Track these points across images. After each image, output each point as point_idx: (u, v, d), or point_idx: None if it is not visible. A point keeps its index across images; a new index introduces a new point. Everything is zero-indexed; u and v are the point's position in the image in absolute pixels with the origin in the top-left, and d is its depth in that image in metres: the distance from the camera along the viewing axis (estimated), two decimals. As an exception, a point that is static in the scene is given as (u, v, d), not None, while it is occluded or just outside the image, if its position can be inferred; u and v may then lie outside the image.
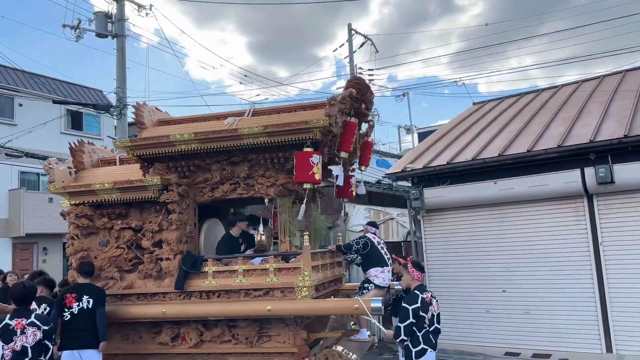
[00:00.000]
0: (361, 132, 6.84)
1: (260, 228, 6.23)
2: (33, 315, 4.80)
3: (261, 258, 5.84)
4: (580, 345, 7.85)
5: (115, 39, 15.30)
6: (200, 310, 5.73)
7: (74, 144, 7.06)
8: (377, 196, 12.05)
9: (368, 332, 6.98)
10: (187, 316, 5.74)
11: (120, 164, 7.00)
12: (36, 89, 21.11)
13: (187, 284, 5.78)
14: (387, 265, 6.46)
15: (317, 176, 5.45)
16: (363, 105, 6.23)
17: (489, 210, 8.89)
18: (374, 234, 6.94)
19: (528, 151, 8.25)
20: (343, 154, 5.90)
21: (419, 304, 4.92)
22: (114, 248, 6.32)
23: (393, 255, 7.38)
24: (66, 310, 5.44)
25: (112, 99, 21.02)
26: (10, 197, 19.78)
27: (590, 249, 7.99)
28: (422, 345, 4.92)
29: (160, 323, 6.00)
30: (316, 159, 5.50)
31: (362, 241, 6.46)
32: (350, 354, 5.71)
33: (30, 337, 4.67)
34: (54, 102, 15.24)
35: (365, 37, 25.15)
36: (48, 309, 5.38)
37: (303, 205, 5.66)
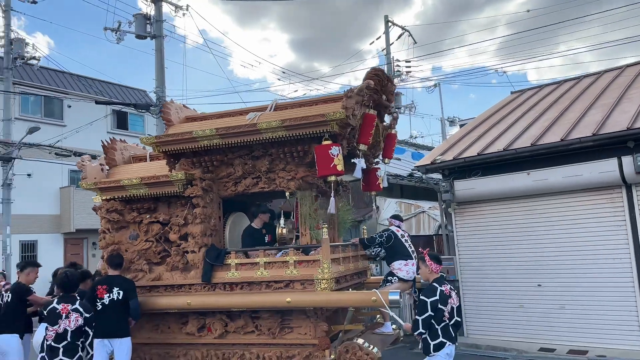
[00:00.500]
0: (384, 124, 6.80)
1: (282, 221, 6.29)
2: (77, 302, 5.13)
3: (282, 251, 5.91)
4: (619, 342, 7.54)
5: (154, 40, 15.77)
6: (223, 302, 5.85)
7: (107, 142, 7.33)
8: (409, 189, 11.94)
9: (393, 326, 6.94)
10: (211, 307, 5.87)
11: (150, 161, 7.21)
12: (83, 90, 22.02)
13: (212, 276, 5.91)
14: (412, 259, 6.39)
15: (339, 167, 5.44)
16: (384, 97, 6.16)
17: (522, 202, 8.64)
18: (398, 227, 6.87)
19: (562, 140, 7.96)
20: (362, 147, 5.86)
21: (437, 297, 4.83)
22: (143, 241, 6.52)
23: (420, 249, 7.31)
24: (97, 301, 5.66)
25: (155, 98, 21.65)
26: (61, 194, 20.72)
27: (629, 241, 7.64)
28: (440, 339, 4.83)
29: (187, 314, 6.17)
30: (335, 150, 5.50)
31: (385, 234, 6.41)
32: (371, 346, 5.70)
33: (72, 322, 5.01)
34: (97, 102, 15.87)
35: (402, 28, 24.86)
36: (79, 299, 5.64)
37: (332, 199, 5.67)
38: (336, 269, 5.74)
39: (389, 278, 6.34)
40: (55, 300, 5.13)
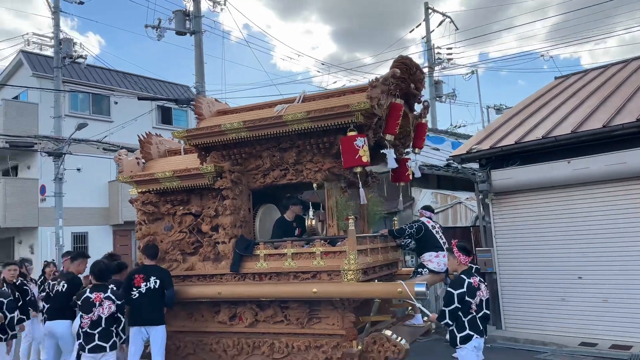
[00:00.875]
0: (415, 113, 6.68)
1: (310, 213, 6.32)
2: (109, 291, 5.35)
3: (309, 242, 5.95)
4: (666, 337, 7.19)
5: (193, 35, 16.09)
6: (252, 291, 5.95)
7: (143, 136, 7.55)
8: (446, 180, 11.73)
9: (424, 318, 6.86)
10: (240, 297, 5.99)
11: (184, 154, 7.39)
12: (129, 87, 22.73)
13: (241, 267, 6.02)
14: (443, 250, 6.30)
15: (365, 158, 5.41)
16: (412, 86, 6.03)
17: (562, 192, 8.34)
18: (429, 218, 6.79)
19: (604, 127, 7.62)
20: (389, 137, 5.78)
21: (464, 289, 4.74)
22: (177, 232, 6.70)
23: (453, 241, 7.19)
24: (134, 289, 5.86)
25: (207, 93, 22.06)
26: (109, 188, 21.50)
27: (677, 232, 7.25)
28: (467, 331, 4.76)
29: (219, 303, 6.31)
30: (361, 141, 5.46)
31: (415, 225, 6.35)
32: (399, 338, 5.67)
33: (105, 309, 5.24)
34: (139, 98, 16.35)
35: (443, 14, 24.38)
36: (115, 288, 5.87)
37: (361, 190, 5.68)
38: (363, 260, 5.73)
39: (419, 270, 6.27)
40: (88, 289, 5.35)
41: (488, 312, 4.95)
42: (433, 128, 17.73)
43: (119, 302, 5.34)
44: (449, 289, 4.88)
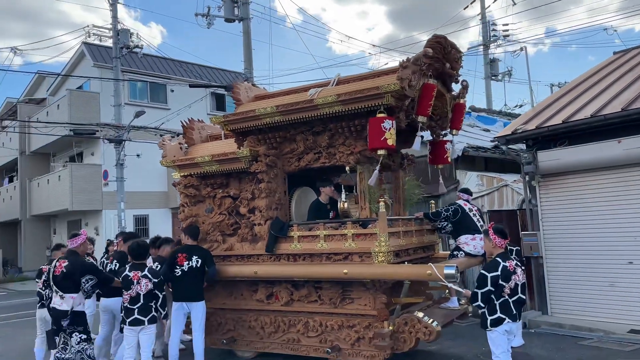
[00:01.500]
0: (453, 93, 6.55)
1: (343, 195, 6.40)
2: (146, 269, 5.68)
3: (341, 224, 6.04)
4: None
5: (241, 22, 16.38)
6: (286, 271, 6.17)
7: (186, 122, 7.85)
8: (494, 162, 11.42)
9: (462, 301, 6.82)
10: (275, 276, 6.23)
11: (225, 139, 7.63)
12: (184, 75, 23.48)
13: (276, 248, 6.21)
14: (480, 233, 6.23)
15: (390, 142, 5.42)
16: (447, 65, 5.89)
17: (612, 173, 7.94)
18: (467, 200, 6.74)
19: (658, 104, 7.19)
20: (421, 118, 5.72)
21: (498, 272, 4.59)
22: (217, 214, 6.99)
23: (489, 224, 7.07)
24: (177, 267, 6.18)
25: (256, 79, 22.47)
26: (167, 173, 22.41)
27: None
28: (498, 314, 4.63)
29: (257, 282, 6.58)
30: (388, 124, 5.46)
31: (452, 208, 6.36)
32: (431, 320, 5.71)
33: (143, 286, 5.57)
34: (191, 86, 16.89)
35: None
36: (154, 266, 6.25)
37: (375, 172, 5.70)
38: (395, 242, 5.78)
39: (455, 253, 6.26)
40: (128, 268, 5.70)
41: (523, 296, 4.76)
42: (486, 108, 17.21)
43: (156, 280, 5.65)
44: (482, 271, 4.79)
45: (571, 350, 6.88)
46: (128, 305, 5.55)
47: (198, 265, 6.19)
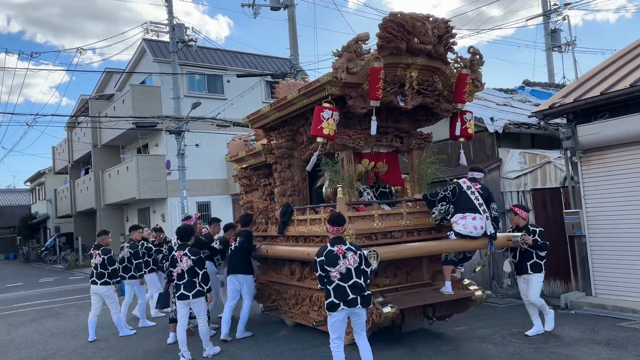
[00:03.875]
0: (456, 65, 6.35)
1: (326, 182, 6.51)
2: (187, 249, 6.47)
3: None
4: None
5: (286, 9, 16.62)
6: (279, 251, 6.97)
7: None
8: (541, 139, 10.98)
9: (485, 291, 6.68)
10: (276, 256, 6.92)
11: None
12: (239, 65, 24.21)
13: (286, 230, 6.56)
14: (476, 212, 6.03)
15: (326, 131, 5.62)
16: (416, 40, 5.79)
17: (656, 146, 7.50)
18: (473, 179, 6.42)
19: (700, 70, 6.68)
20: (373, 103, 5.73)
21: (322, 257, 4.87)
22: (263, 201, 7.69)
23: (509, 205, 6.93)
24: (230, 247, 7.42)
25: (303, 65, 22.78)
26: (226, 160, 23.36)
27: None
28: (332, 299, 4.81)
29: (285, 260, 7.15)
30: (327, 114, 5.61)
31: (450, 187, 6.25)
32: (387, 304, 5.76)
33: (184, 263, 6.38)
34: (238, 76, 17.41)
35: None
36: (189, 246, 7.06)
37: (313, 157, 5.89)
38: (362, 225, 5.81)
39: (448, 233, 6.11)
40: (175, 248, 6.66)
41: (360, 281, 4.87)
42: (541, 82, 16.44)
43: (194, 257, 6.40)
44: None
45: (605, 331, 6.75)
46: (176, 282, 6.45)
47: (238, 245, 7.28)
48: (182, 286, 6.32)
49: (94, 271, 7.93)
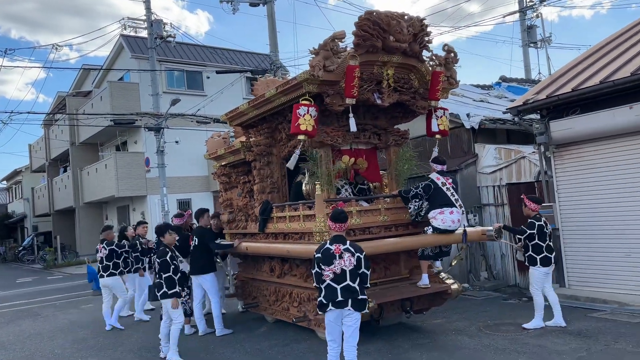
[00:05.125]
0: (431, 63, 6.43)
1: (305, 178, 6.54)
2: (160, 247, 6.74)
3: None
4: None
5: (265, 5, 16.57)
6: (259, 249, 6.94)
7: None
8: (517, 134, 11.18)
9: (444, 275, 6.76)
10: (255, 253, 6.87)
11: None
12: (218, 61, 24.04)
13: (266, 227, 6.58)
14: (452, 206, 6.12)
15: (303, 127, 5.63)
16: (392, 38, 5.84)
17: (626, 140, 7.75)
18: (442, 172, 6.43)
19: (666, 67, 6.88)
20: (349, 100, 5.77)
21: (320, 254, 4.73)
22: (242, 198, 7.64)
23: (522, 196, 7.02)
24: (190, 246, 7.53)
25: (283, 61, 22.72)
26: (205, 158, 23.22)
27: None
28: (321, 299, 4.74)
29: (265, 257, 7.21)
30: (303, 111, 5.62)
31: (422, 184, 6.27)
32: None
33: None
34: (217, 72, 17.31)
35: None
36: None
37: (294, 155, 5.94)
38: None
39: (425, 228, 6.20)
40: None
41: (353, 285, 4.67)
42: (517, 78, 16.68)
43: (158, 260, 6.43)
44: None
45: (577, 322, 6.91)
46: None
47: (197, 244, 7.33)
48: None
49: (100, 265, 8.47)
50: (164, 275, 6.22)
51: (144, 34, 21.45)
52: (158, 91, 20.25)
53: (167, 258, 6.24)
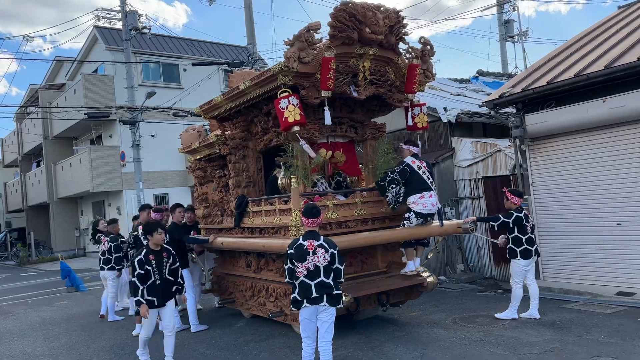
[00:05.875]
0: (408, 56, 6.38)
1: (282, 173, 6.46)
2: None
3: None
4: None
5: (242, -4, 16.36)
6: (234, 244, 6.86)
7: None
8: (493, 128, 11.27)
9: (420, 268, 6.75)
10: (231, 248, 6.76)
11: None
12: (195, 53, 23.70)
13: (242, 222, 6.49)
14: (430, 190, 6.10)
15: (291, 118, 5.52)
16: (368, 30, 5.77)
17: (599, 134, 7.83)
18: (416, 155, 6.34)
19: (639, 59, 6.95)
20: (324, 93, 5.71)
21: (292, 250, 4.62)
22: (218, 193, 7.50)
23: (504, 189, 7.03)
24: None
25: (261, 53, 22.45)
26: (179, 152, 22.93)
27: None
28: (295, 295, 4.64)
29: (242, 252, 7.13)
30: (284, 103, 5.54)
31: (399, 168, 6.14)
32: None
33: None
34: (193, 64, 17.08)
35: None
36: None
37: (305, 145, 5.85)
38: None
39: (407, 215, 6.15)
40: None
41: (327, 280, 4.57)
42: (494, 72, 16.82)
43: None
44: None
45: (551, 313, 6.98)
46: None
47: (168, 240, 7.02)
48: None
49: (101, 257, 8.70)
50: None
51: (118, 25, 21.06)
52: (133, 84, 19.92)
53: (135, 261, 5.59)
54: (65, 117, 20.01)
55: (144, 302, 5.31)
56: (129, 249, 8.81)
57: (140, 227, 7.78)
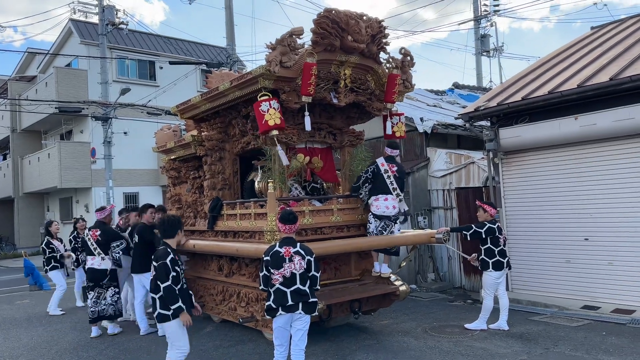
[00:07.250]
0: (388, 65, 6.41)
1: (259, 176, 6.42)
2: None
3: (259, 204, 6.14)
4: (669, 302, 6.86)
5: (223, -3, 16.24)
6: (207, 247, 6.75)
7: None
8: (467, 140, 11.42)
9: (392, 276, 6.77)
10: (203, 251, 6.65)
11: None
12: (173, 51, 23.40)
13: (216, 225, 6.37)
14: (387, 194, 6.23)
15: (271, 122, 5.48)
16: (350, 38, 5.79)
17: (570, 150, 8.00)
18: (389, 158, 6.46)
19: (611, 80, 7.16)
20: (305, 98, 5.70)
21: (268, 257, 4.55)
22: (192, 194, 7.36)
23: (477, 202, 7.12)
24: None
25: (240, 55, 22.17)
26: (153, 151, 22.56)
27: (688, 192, 6.78)
28: (270, 303, 4.55)
29: (213, 255, 6.98)
30: (265, 106, 5.51)
31: (370, 169, 6.35)
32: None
33: None
34: (171, 63, 16.85)
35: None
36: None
37: (280, 151, 5.77)
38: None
39: (369, 217, 6.31)
40: None
41: (303, 288, 4.50)
42: (469, 85, 17.07)
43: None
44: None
45: (519, 325, 7.06)
46: None
47: (137, 241, 7.09)
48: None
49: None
50: (162, 286, 4.42)
51: (95, 19, 20.64)
52: (107, 79, 19.52)
53: (167, 261, 4.47)
54: (36, 110, 19.45)
55: (184, 310, 4.48)
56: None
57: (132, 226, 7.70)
